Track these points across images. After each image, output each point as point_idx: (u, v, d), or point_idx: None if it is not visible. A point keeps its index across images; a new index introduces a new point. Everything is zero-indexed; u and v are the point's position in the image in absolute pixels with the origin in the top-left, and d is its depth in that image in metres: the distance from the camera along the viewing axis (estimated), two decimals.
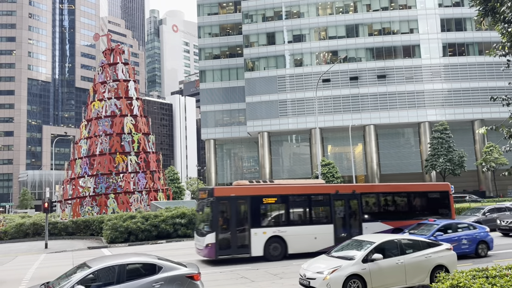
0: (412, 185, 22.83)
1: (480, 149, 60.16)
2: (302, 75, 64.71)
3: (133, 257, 9.77)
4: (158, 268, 9.37)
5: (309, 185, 19.95)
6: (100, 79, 40.55)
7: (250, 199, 18.07)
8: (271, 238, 17.88)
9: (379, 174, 62.82)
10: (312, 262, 12.12)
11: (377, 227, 19.50)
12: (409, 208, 20.91)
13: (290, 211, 18.80)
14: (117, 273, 8.93)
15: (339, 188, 20.12)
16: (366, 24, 64.93)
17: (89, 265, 9.10)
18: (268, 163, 65.97)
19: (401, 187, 21.92)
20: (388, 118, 62.17)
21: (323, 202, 19.55)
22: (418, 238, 13.25)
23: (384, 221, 19.85)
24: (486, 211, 26.42)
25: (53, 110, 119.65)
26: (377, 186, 21.86)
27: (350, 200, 19.75)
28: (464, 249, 16.51)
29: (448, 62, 62.78)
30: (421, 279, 11.79)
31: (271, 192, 18.65)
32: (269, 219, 18.54)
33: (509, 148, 11.96)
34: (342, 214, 19.55)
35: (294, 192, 19.05)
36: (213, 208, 17.50)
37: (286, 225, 18.40)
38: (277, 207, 18.76)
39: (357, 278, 11.01)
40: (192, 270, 9.76)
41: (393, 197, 20.92)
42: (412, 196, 21.15)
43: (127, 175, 36.92)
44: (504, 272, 7.88)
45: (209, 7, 74.78)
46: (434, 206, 21.31)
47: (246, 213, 18.00)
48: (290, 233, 18.18)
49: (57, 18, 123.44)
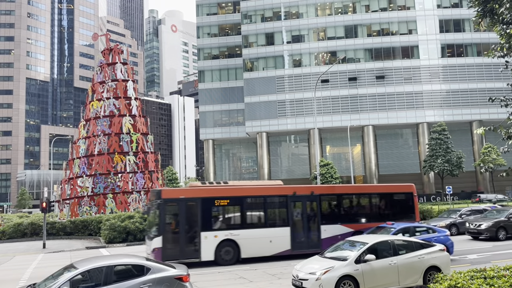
0: (374, 186, 22.32)
1: (478, 150, 60.28)
2: (301, 76, 64.74)
3: (121, 258, 9.70)
4: (146, 269, 9.29)
5: (265, 187, 19.42)
6: (98, 79, 40.50)
7: (201, 201, 17.41)
8: (223, 241, 17.29)
9: (377, 174, 62.89)
10: (305, 262, 12.10)
11: (336, 229, 19.00)
12: (371, 210, 20.35)
13: (244, 214, 18.14)
14: (104, 274, 8.84)
15: (297, 189, 19.36)
16: (365, 24, 65.00)
17: (76, 266, 9.01)
18: (267, 163, 65.98)
19: (363, 189, 21.43)
20: (387, 118, 62.24)
21: (279, 204, 18.85)
22: (412, 238, 13.22)
23: (344, 224, 19.29)
24: (463, 213, 25.91)
25: (52, 109, 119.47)
26: (337, 188, 21.26)
27: (309, 202, 19.10)
28: None
29: (446, 63, 62.89)
30: (414, 280, 11.75)
31: (223, 194, 17.97)
32: (221, 222, 17.89)
33: (507, 149, 11.99)
34: (299, 217, 18.93)
35: (248, 193, 18.44)
36: (160, 211, 16.82)
37: (240, 228, 17.78)
38: (230, 210, 18.14)
39: (349, 279, 10.97)
40: (180, 272, 9.68)
41: (354, 199, 20.30)
42: (374, 197, 20.61)
43: (126, 175, 36.88)
44: (502, 273, 7.89)
45: (208, 7, 74.78)
46: (397, 208, 20.71)
47: (196, 215, 17.33)
48: (243, 237, 17.60)
49: (55, 17, 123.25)
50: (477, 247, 20.10)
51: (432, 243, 12.92)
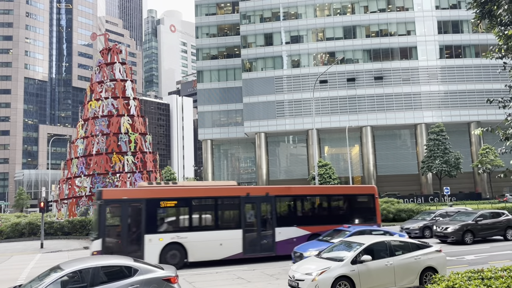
0: (334, 187, 21.70)
1: (476, 151, 60.40)
2: (299, 76, 64.77)
3: (108, 259, 9.61)
4: (133, 270, 9.19)
5: (216, 188, 18.79)
6: (97, 78, 40.44)
7: (146, 202, 16.71)
8: (168, 245, 16.62)
9: (375, 175, 62.95)
10: (302, 263, 12.11)
11: (292, 232, 18.45)
12: (330, 212, 19.77)
13: (192, 215, 17.51)
14: (91, 275, 8.75)
15: (251, 190, 18.75)
16: (363, 25, 65.08)
17: (62, 268, 8.91)
18: (265, 164, 65.99)
19: (322, 190, 20.91)
20: (385, 119, 62.32)
21: (231, 206, 18.29)
22: (408, 239, 13.18)
23: (301, 226, 18.72)
24: (437, 215, 25.18)
25: (50, 109, 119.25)
26: (294, 189, 20.41)
27: (263, 204, 18.51)
28: None
29: (444, 64, 63.00)
30: (411, 281, 11.73)
31: (170, 195, 17.32)
32: (168, 224, 17.25)
33: (504, 150, 12.02)
34: (253, 219, 18.31)
35: (197, 194, 17.83)
36: (101, 212, 16.17)
37: (188, 231, 17.13)
38: (177, 211, 17.50)
39: (345, 279, 10.96)
40: (169, 273, 9.59)
41: (312, 201, 19.74)
42: (333, 199, 20.02)
43: (124, 175, 36.83)
44: (500, 274, 7.91)
45: (207, 7, 74.77)
46: (358, 210, 20.23)
47: (140, 217, 16.62)
48: (191, 239, 16.96)
49: (54, 17, 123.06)
50: None
51: (428, 244, 12.92)
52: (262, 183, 64.56)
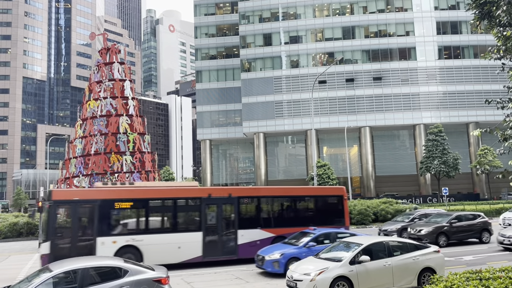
0: (300, 188, 21.34)
1: (474, 152, 60.50)
2: (298, 77, 64.78)
3: (97, 260, 9.56)
4: (123, 271, 9.13)
5: (175, 189, 18.28)
6: (95, 78, 40.40)
7: (99, 203, 16.12)
8: (122, 248, 16.00)
9: (374, 175, 62.99)
10: (300, 263, 12.12)
11: (256, 234, 17.95)
12: (296, 214, 19.29)
13: (149, 217, 16.99)
14: (80, 276, 8.67)
15: (213, 191, 18.24)
16: (362, 26, 65.13)
17: (51, 269, 8.82)
18: (264, 164, 65.98)
19: (287, 191, 20.21)
20: (384, 120, 62.37)
21: (191, 207, 17.81)
22: (406, 240, 13.16)
23: (265, 228, 18.24)
24: (416, 217, 24.64)
25: (48, 109, 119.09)
26: (259, 190, 20.04)
27: (225, 205, 18.03)
28: None
29: (443, 65, 63.08)
30: (409, 281, 11.74)
31: (126, 196, 16.70)
32: (122, 226, 16.63)
33: (503, 151, 12.03)
34: (214, 221, 17.76)
35: (154, 196, 17.25)
36: (50, 214, 15.49)
37: (143, 233, 16.57)
38: (133, 213, 16.96)
39: (344, 280, 10.96)
40: (159, 274, 9.53)
41: (277, 202, 19.19)
42: (300, 201, 19.54)
43: (122, 175, 36.78)
44: (498, 274, 7.91)
45: (206, 7, 74.75)
46: (325, 212, 19.71)
47: (93, 219, 16.07)
48: (147, 242, 16.36)
49: (53, 16, 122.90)
50: None
51: (427, 245, 12.91)
52: (260, 183, 64.55)
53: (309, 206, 19.78)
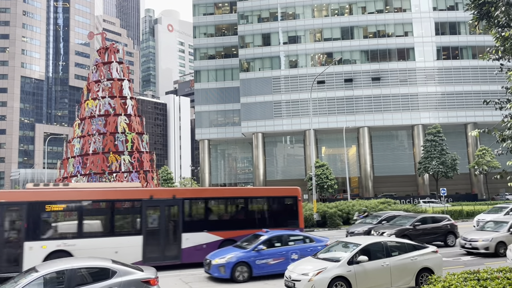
0: (251, 189, 20.45)
1: (472, 152, 60.60)
2: (297, 77, 64.79)
3: (85, 261, 9.47)
4: (112, 272, 9.06)
5: (113, 190, 17.35)
6: (94, 77, 40.35)
7: (27, 206, 15.20)
8: (53, 253, 15.06)
9: (372, 176, 63.04)
10: (298, 264, 12.11)
11: (202, 238, 17.21)
12: (246, 216, 18.49)
13: (83, 220, 16.03)
14: (67, 277, 8.58)
15: (155, 192, 17.41)
16: (361, 26, 65.17)
17: (38, 269, 8.75)
18: (262, 164, 65.97)
19: (237, 192, 19.45)
20: (382, 120, 62.41)
21: (131, 210, 17.01)
22: (404, 240, 13.13)
23: (212, 231, 17.52)
24: (383, 218, 23.89)
25: (46, 108, 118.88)
26: (206, 191, 19.34)
27: (168, 207, 17.28)
28: None
29: (442, 65, 63.16)
30: (407, 282, 11.74)
31: (58, 198, 15.82)
32: (53, 230, 15.71)
33: (501, 151, 12.04)
34: (156, 224, 16.98)
35: (90, 197, 16.41)
36: None
37: (77, 237, 15.63)
38: (65, 216, 16.15)
39: (342, 280, 10.96)
40: (148, 275, 9.47)
41: (225, 204, 18.49)
42: (250, 202, 18.72)
43: (120, 174, 36.74)
44: (495, 275, 7.92)
45: (205, 7, 74.72)
46: (278, 214, 19.05)
47: (20, 223, 15.21)
48: (80, 247, 15.42)
49: (51, 16, 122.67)
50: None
51: (425, 245, 12.92)
52: (259, 183, 64.54)
53: (260, 208, 19.05)
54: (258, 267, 14.28)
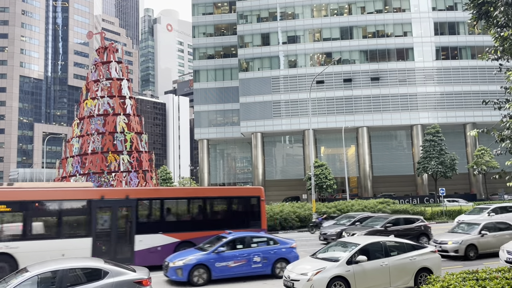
0: (211, 189, 19.90)
1: (471, 152, 60.67)
2: (296, 76, 64.80)
3: (77, 261, 9.42)
4: (103, 273, 9.01)
5: (60, 190, 16.66)
6: (93, 77, 40.31)
7: None
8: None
9: (371, 175, 63.07)
10: (297, 263, 12.12)
11: (156, 239, 16.61)
12: (205, 217, 18.03)
13: (27, 222, 15.27)
14: (58, 278, 8.54)
15: (107, 193, 16.82)
16: (360, 26, 65.19)
17: (29, 270, 8.69)
18: (261, 164, 65.96)
19: (196, 192, 19.00)
20: (381, 120, 62.45)
21: (79, 210, 16.29)
22: (403, 240, 13.11)
23: (168, 233, 16.90)
24: (357, 219, 23.43)
25: (45, 108, 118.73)
26: (162, 191, 18.50)
27: (121, 208, 16.72)
28: (255, 268, 14.27)
29: (441, 66, 63.21)
30: (406, 281, 11.75)
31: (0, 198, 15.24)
32: None
33: (500, 151, 12.05)
34: (107, 225, 16.39)
35: (35, 197, 15.63)
36: None
37: (20, 239, 14.97)
38: (7, 217, 15.40)
39: (341, 280, 10.96)
40: (140, 275, 9.41)
41: (183, 204, 17.94)
42: (209, 202, 18.18)
43: (119, 174, 36.71)
44: (494, 275, 7.92)
45: (204, 6, 74.68)
46: (239, 215, 18.59)
47: None
48: (24, 250, 14.73)
49: (50, 15, 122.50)
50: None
51: (423, 245, 12.92)
52: (258, 183, 64.53)
53: (221, 208, 18.56)
54: (217, 270, 13.93)
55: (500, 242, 16.75)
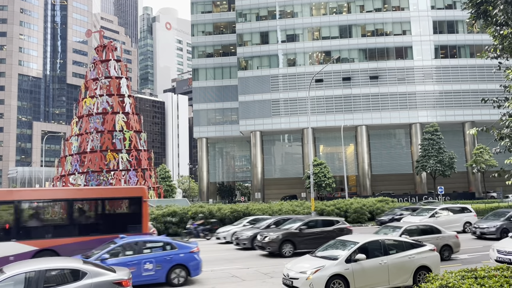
0: (79, 190, 17.93)
1: (470, 151, 60.73)
2: (295, 75, 64.78)
3: (55, 262, 9.21)
4: (82, 273, 8.79)
5: None
6: (92, 75, 40.26)
7: None
8: None
9: (370, 174, 63.12)
10: (296, 261, 12.12)
11: (8, 248, 14.53)
12: (72, 221, 15.99)
13: None
14: (35, 279, 8.33)
15: None
16: (359, 25, 65.18)
17: (4, 271, 8.51)
18: (260, 162, 65.96)
19: (59, 193, 16.90)
20: (380, 119, 62.49)
21: None
22: (402, 238, 13.12)
23: (23, 240, 14.85)
24: (273, 222, 21.87)
25: (44, 106, 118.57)
26: (15, 193, 16.19)
27: None
28: (147, 276, 12.84)
29: (439, 64, 63.25)
30: (404, 280, 11.77)
31: None
32: None
33: (499, 150, 12.05)
34: None
35: None
36: None
37: None
38: None
39: (340, 278, 10.97)
40: (120, 276, 9.22)
41: (43, 207, 15.94)
42: (77, 204, 16.24)
43: (118, 172, 36.70)
44: (493, 273, 7.94)
45: (203, 5, 74.55)
46: (115, 218, 16.97)
47: None
48: None
49: (49, 13, 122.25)
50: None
51: (422, 243, 12.93)
52: (257, 181, 64.57)
53: (92, 211, 16.57)
54: None
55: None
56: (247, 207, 29.95)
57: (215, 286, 13.30)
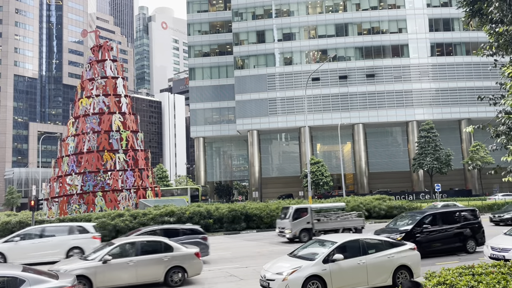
0: None
1: (466, 148, 60.95)
2: (291, 74, 64.79)
3: None
4: (19, 281, 8.20)
5: None
6: (88, 76, 40.10)
7: None
8: None
9: (367, 172, 63.24)
10: (275, 262, 11.79)
11: None
12: None
13: None
14: None
15: None
16: (355, 23, 65.23)
17: None
18: (258, 161, 65.97)
19: None
20: (377, 117, 62.59)
21: None
22: (382, 238, 12.76)
23: None
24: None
25: (40, 107, 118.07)
26: None
27: None
28: None
29: (436, 62, 63.39)
30: (384, 280, 11.53)
31: None
32: None
33: (495, 147, 12.09)
34: None
35: None
36: None
37: None
38: None
39: (317, 279, 10.70)
40: (63, 283, 8.68)
41: None
42: None
43: (115, 173, 36.60)
44: (490, 270, 7.96)
45: (199, 4, 74.42)
46: None
47: None
48: None
49: (44, 13, 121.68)
50: None
51: (402, 242, 12.67)
52: (254, 180, 64.56)
53: None
54: None
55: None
56: (244, 206, 29.96)
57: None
